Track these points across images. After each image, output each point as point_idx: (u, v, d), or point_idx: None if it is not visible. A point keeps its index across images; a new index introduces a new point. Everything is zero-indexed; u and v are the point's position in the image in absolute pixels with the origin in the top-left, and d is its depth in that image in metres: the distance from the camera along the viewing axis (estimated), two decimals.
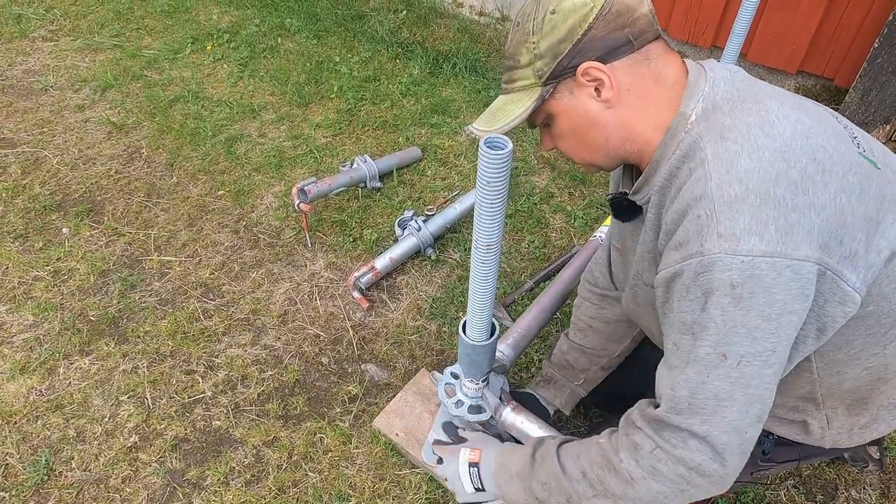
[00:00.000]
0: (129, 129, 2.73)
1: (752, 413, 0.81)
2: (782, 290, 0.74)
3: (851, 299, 0.79)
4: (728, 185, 0.76)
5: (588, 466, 0.94)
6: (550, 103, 0.95)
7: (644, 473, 0.86)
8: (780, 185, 0.75)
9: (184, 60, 3.20)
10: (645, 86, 0.90)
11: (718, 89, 0.86)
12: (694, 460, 0.83)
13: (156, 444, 1.61)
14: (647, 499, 0.88)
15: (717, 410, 0.81)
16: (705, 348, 0.80)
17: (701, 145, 0.82)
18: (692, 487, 0.85)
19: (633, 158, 0.96)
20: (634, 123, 0.92)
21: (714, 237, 0.75)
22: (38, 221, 2.26)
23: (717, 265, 0.75)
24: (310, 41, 3.34)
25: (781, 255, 0.73)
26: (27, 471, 1.55)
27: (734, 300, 0.76)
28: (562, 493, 0.97)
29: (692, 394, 0.82)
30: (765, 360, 0.78)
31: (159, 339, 1.86)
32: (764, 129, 0.79)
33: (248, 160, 2.55)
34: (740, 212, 0.75)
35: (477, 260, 1.05)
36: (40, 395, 1.71)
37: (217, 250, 2.16)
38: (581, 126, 0.95)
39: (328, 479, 1.54)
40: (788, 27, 2.41)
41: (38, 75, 3.08)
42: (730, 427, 0.81)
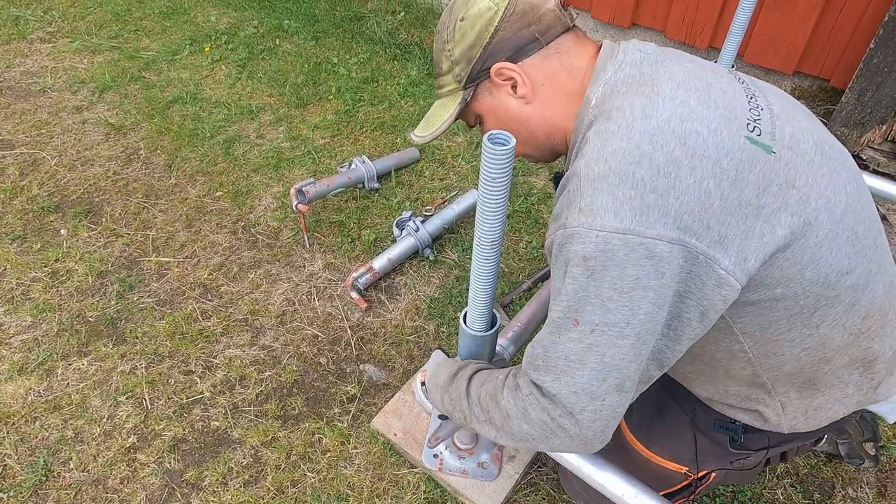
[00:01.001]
0: (127, 130, 2.73)
1: (610, 382, 0.84)
2: (634, 266, 0.77)
3: (727, 283, 0.79)
4: (594, 164, 0.80)
5: (483, 395, 1.01)
6: (474, 105, 1.02)
7: (517, 412, 0.92)
8: (641, 167, 0.78)
9: (182, 62, 3.20)
10: (557, 78, 0.95)
11: (622, 73, 0.89)
12: (554, 412, 0.88)
13: (154, 445, 1.61)
14: (519, 436, 0.95)
15: (566, 370, 0.85)
16: (559, 312, 0.84)
17: (591, 127, 0.86)
18: (555, 437, 0.90)
19: (561, 148, 1.02)
20: (552, 115, 0.97)
21: (576, 211, 0.80)
22: (36, 223, 2.26)
23: (574, 238, 0.79)
24: (308, 42, 3.35)
25: (634, 233, 0.76)
26: (25, 471, 1.55)
27: (587, 271, 0.80)
28: (461, 411, 1.05)
29: (545, 351, 0.87)
30: (620, 331, 0.81)
31: (157, 340, 1.86)
32: (645, 110, 0.82)
33: (246, 161, 2.55)
34: (600, 189, 0.79)
35: (479, 255, 1.06)
36: (38, 395, 1.71)
37: (215, 251, 2.17)
38: (506, 123, 1.00)
39: (326, 480, 1.54)
40: (785, 28, 2.42)
41: (36, 77, 3.08)
42: (580, 389, 0.85)
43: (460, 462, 1.53)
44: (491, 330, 1.21)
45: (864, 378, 0.99)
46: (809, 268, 0.82)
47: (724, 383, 1.03)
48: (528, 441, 0.94)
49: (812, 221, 0.81)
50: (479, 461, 1.53)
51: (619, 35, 3.00)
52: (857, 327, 0.91)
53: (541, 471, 1.58)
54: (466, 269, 2.09)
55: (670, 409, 1.20)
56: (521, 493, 1.53)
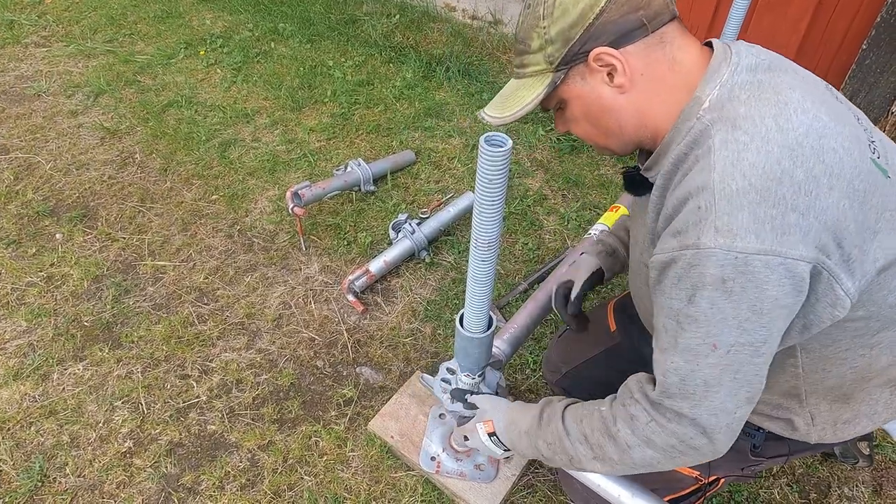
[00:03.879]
0: (122, 134, 2.73)
1: (741, 395, 0.84)
2: (774, 287, 0.75)
3: (842, 304, 0.79)
4: (731, 178, 0.75)
5: (589, 431, 0.98)
6: (562, 89, 0.93)
7: (639, 442, 0.91)
8: (783, 184, 0.74)
9: (177, 65, 3.20)
10: (659, 70, 0.87)
11: (739, 77, 0.83)
12: (686, 435, 0.86)
13: (150, 449, 1.60)
14: (642, 464, 0.93)
15: (706, 395, 0.83)
16: (695, 338, 0.81)
17: (710, 133, 0.80)
18: (683, 456, 0.90)
19: (648, 143, 0.94)
20: (648, 109, 0.90)
21: (711, 231, 0.75)
22: (31, 227, 2.25)
23: (710, 259, 0.75)
24: (303, 46, 3.35)
25: (776, 254, 0.73)
26: (21, 477, 1.54)
27: (725, 293, 0.76)
28: (564, 453, 1.01)
29: (682, 381, 0.84)
30: (755, 350, 0.80)
31: (153, 344, 1.86)
32: (778, 121, 0.77)
33: (241, 165, 2.55)
34: (740, 207, 0.74)
35: (476, 256, 1.06)
36: (34, 401, 1.71)
37: (211, 255, 2.16)
38: (594, 111, 0.93)
39: (323, 483, 1.54)
40: (777, 30, 2.43)
41: (30, 81, 3.07)
42: (718, 409, 0.84)
43: (458, 464, 1.53)
44: (487, 332, 1.21)
45: (893, 397, 1.01)
46: (894, 294, 0.83)
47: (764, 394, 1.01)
48: (651, 466, 0.93)
49: None
50: (477, 463, 1.53)
51: None
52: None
53: (538, 472, 1.58)
54: (463, 271, 2.09)
55: None
56: (519, 495, 1.53)
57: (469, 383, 1.33)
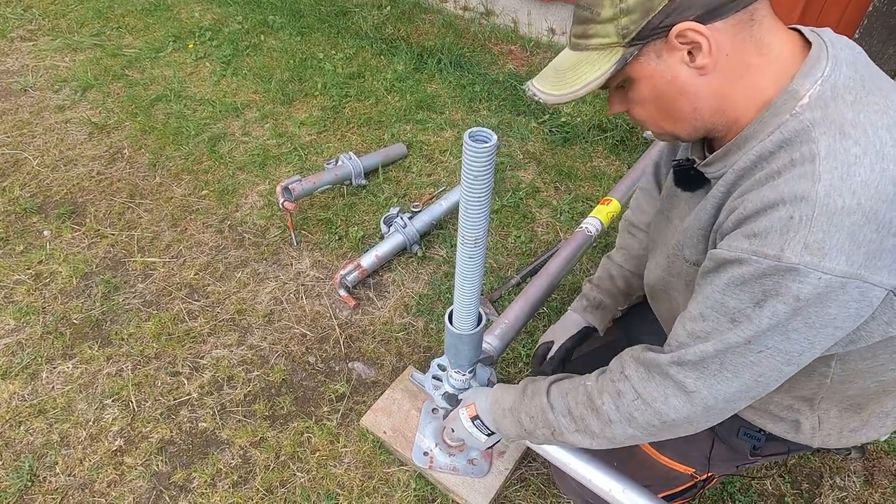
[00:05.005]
0: (110, 129, 2.69)
1: (752, 394, 0.82)
2: (838, 306, 0.71)
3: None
4: (838, 195, 0.68)
5: (574, 404, 0.98)
6: (633, 66, 0.81)
7: (621, 418, 0.91)
8: (892, 207, 0.68)
9: (165, 59, 3.16)
10: (745, 52, 0.78)
11: (840, 72, 0.75)
12: (669, 415, 0.86)
13: (141, 448, 1.59)
14: (622, 439, 0.94)
15: (717, 376, 0.81)
16: (737, 336, 0.78)
17: (813, 136, 0.72)
18: (661, 433, 0.91)
19: (720, 131, 0.86)
20: (730, 93, 0.80)
21: (799, 246, 0.69)
22: (18, 224, 2.23)
23: (790, 275, 0.71)
24: (293, 38, 3.32)
25: (858, 277, 0.69)
26: (10, 477, 1.53)
27: (793, 310, 0.73)
28: (547, 426, 1.01)
29: (701, 354, 0.81)
30: (788, 359, 0.77)
31: (144, 342, 1.84)
32: (893, 133, 0.71)
33: (231, 159, 2.52)
34: (840, 227, 0.68)
35: (463, 253, 1.05)
36: (23, 400, 1.69)
37: (202, 250, 2.15)
38: (667, 94, 0.82)
39: (316, 479, 1.54)
40: None
41: (16, 76, 3.03)
42: (721, 396, 0.82)
43: (450, 459, 1.52)
44: (476, 328, 1.20)
45: None
46: None
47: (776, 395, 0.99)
48: (629, 441, 0.94)
49: None
50: (470, 458, 1.53)
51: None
52: None
53: (531, 466, 1.58)
54: (455, 265, 2.08)
55: None
56: (512, 489, 1.53)
57: (460, 380, 1.33)
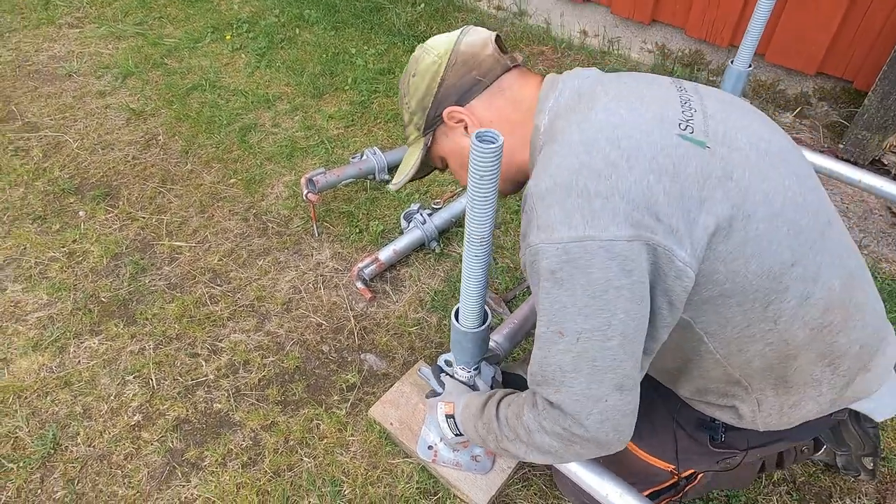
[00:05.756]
0: (147, 115, 2.79)
1: (607, 383, 0.87)
2: (599, 269, 0.81)
3: (685, 274, 0.83)
4: (541, 181, 0.86)
5: (510, 415, 1.06)
6: (435, 148, 1.13)
7: (536, 427, 0.98)
8: (582, 175, 0.82)
9: (203, 49, 3.25)
10: (504, 113, 1.04)
11: (562, 98, 0.96)
12: (564, 422, 0.92)
13: (158, 424, 1.66)
14: (544, 448, 0.99)
15: (563, 381, 0.89)
16: (542, 327, 0.89)
17: (541, 151, 0.92)
18: (575, 445, 0.94)
19: (523, 178, 1.08)
20: (511, 148, 1.02)
21: (535, 230, 0.85)
22: (56, 204, 2.33)
23: (539, 254, 0.84)
24: (327, 32, 3.37)
25: (590, 238, 0.80)
26: (35, 444, 1.60)
27: (556, 283, 0.84)
28: (492, 433, 1.10)
29: (540, 367, 0.92)
30: (603, 334, 0.84)
31: (166, 322, 1.91)
32: (581, 125, 0.88)
33: (260, 149, 2.59)
34: (550, 204, 0.83)
35: (469, 251, 1.07)
36: (50, 371, 1.77)
37: (226, 237, 2.21)
38: (465, 161, 1.04)
39: (322, 465, 1.57)
40: (808, 28, 2.36)
41: (62, 61, 3.16)
42: (580, 396, 0.88)
43: (454, 454, 1.54)
44: (482, 326, 1.22)
45: (835, 376, 1.00)
46: (753, 261, 0.85)
47: (701, 381, 1.06)
48: (554, 453, 0.99)
49: (752, 214, 0.84)
50: (473, 454, 1.54)
51: (638, 31, 2.96)
52: (818, 322, 0.92)
53: (534, 466, 1.58)
54: None
55: (657, 408, 1.21)
56: (514, 488, 1.54)
57: (465, 376, 1.35)
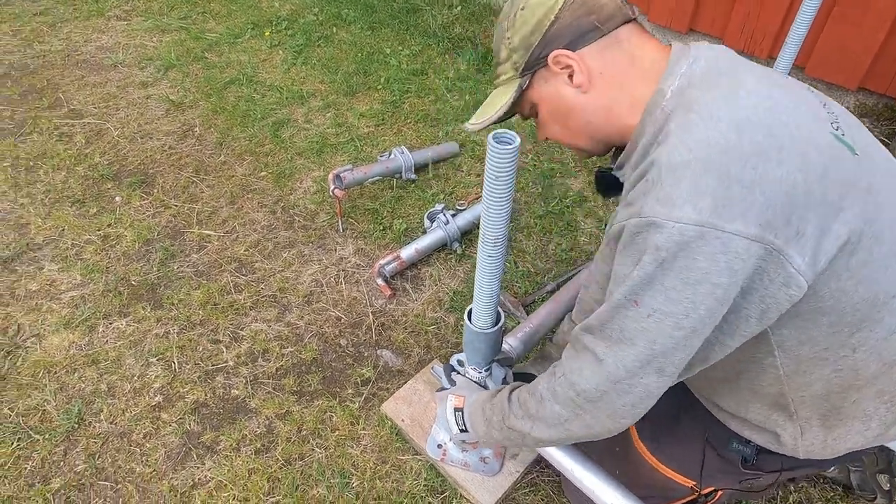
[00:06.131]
0: (185, 107, 2.87)
1: (653, 365, 0.85)
2: (706, 259, 0.75)
3: (796, 282, 0.77)
4: (676, 152, 0.77)
5: (524, 394, 1.07)
6: (530, 93, 1.01)
7: (549, 395, 0.98)
8: (727, 156, 0.74)
9: (243, 45, 3.33)
10: (619, 68, 0.93)
11: (697, 66, 0.87)
12: (580, 385, 0.91)
13: (177, 406, 1.70)
14: (552, 420, 0.98)
15: (619, 343, 0.86)
16: (621, 294, 0.84)
17: (670, 119, 0.84)
18: (586, 415, 0.94)
19: (617, 140, 0.99)
20: (612, 105, 0.95)
21: (653, 201, 0.78)
22: (94, 189, 2.41)
23: (650, 227, 0.77)
24: (363, 32, 3.41)
25: (711, 226, 0.74)
26: (61, 418, 1.67)
27: (656, 260, 0.78)
28: (500, 413, 1.12)
29: (600, 322, 0.88)
30: (676, 322, 0.80)
31: (191, 308, 1.96)
32: (728, 100, 0.80)
33: (292, 144, 2.64)
34: (681, 178, 0.75)
35: (484, 252, 1.07)
36: (80, 349, 1.84)
37: (254, 228, 2.26)
38: (560, 111, 1.00)
39: (333, 457, 1.60)
40: (850, 42, 2.30)
41: (109, 52, 3.27)
42: (623, 364, 0.86)
43: (463, 455, 1.54)
44: (494, 327, 1.22)
45: (889, 413, 0.96)
46: (863, 284, 0.80)
47: (747, 398, 1.01)
48: (561, 424, 0.98)
49: (879, 235, 0.79)
50: (482, 456, 1.54)
51: (675, 39, 2.92)
52: (893, 358, 0.88)
53: (543, 472, 1.58)
54: None
55: (684, 422, 1.19)
56: (521, 492, 1.54)
57: (476, 377, 1.35)
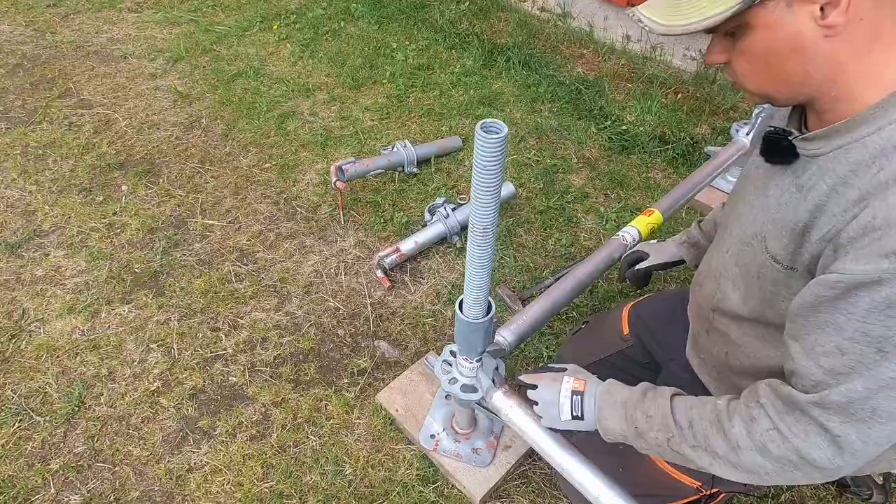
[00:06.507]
0: (193, 99, 2.90)
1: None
2: None
3: None
4: None
5: (698, 419, 0.92)
6: (756, 11, 0.73)
7: (752, 445, 0.85)
8: None
9: (251, 38, 3.35)
10: (882, 24, 0.71)
11: None
12: (810, 454, 0.79)
13: (176, 392, 1.73)
14: (749, 468, 0.87)
15: (868, 421, 0.75)
16: (891, 369, 0.71)
17: None
18: (798, 472, 0.83)
19: (823, 104, 0.79)
20: (850, 65, 0.73)
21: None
22: (101, 178, 2.45)
23: None
24: (371, 27, 3.43)
25: None
26: (62, 400, 1.70)
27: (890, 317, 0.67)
28: (664, 430, 0.95)
29: (849, 402, 0.75)
30: None
31: (192, 296, 1.99)
32: None
33: (296, 137, 2.65)
34: None
35: (473, 241, 1.08)
36: (82, 334, 1.87)
37: (256, 219, 2.28)
38: (781, 50, 0.74)
39: (327, 444, 1.61)
40: None
41: (119, 44, 3.31)
42: (872, 441, 0.76)
43: (455, 445, 1.56)
44: (485, 318, 1.23)
45: None
46: None
47: None
48: (758, 474, 0.87)
49: None
50: (474, 447, 1.55)
51: (683, 37, 2.90)
52: None
53: (534, 464, 1.58)
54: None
55: None
56: (512, 484, 1.55)
57: (468, 367, 1.36)
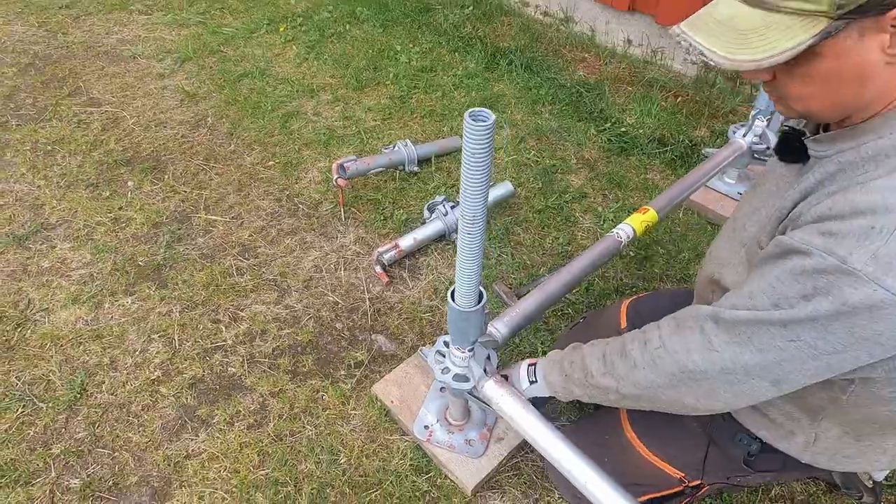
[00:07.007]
0: (199, 98, 2.95)
1: (771, 376, 0.83)
2: (887, 325, 0.70)
3: None
4: None
5: (608, 351, 1.08)
6: (827, 41, 0.71)
7: (645, 363, 0.98)
8: None
9: (258, 39, 3.41)
10: None
11: None
12: (685, 363, 0.91)
13: (175, 381, 1.76)
14: (644, 384, 0.99)
15: (743, 345, 0.83)
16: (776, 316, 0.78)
17: None
18: (681, 386, 0.94)
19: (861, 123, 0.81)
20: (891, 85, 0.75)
21: (867, 255, 0.69)
22: (108, 173, 2.49)
23: (847, 278, 0.70)
24: (375, 29, 3.47)
25: None
26: (65, 388, 1.73)
27: (834, 311, 0.72)
28: (582, 369, 1.12)
29: (735, 322, 0.85)
30: (815, 355, 0.77)
31: (194, 289, 2.02)
32: None
33: (300, 136, 2.70)
34: None
35: (463, 230, 1.11)
36: (86, 324, 1.91)
37: (259, 215, 2.31)
38: (844, 77, 0.74)
39: (322, 434, 1.64)
40: None
41: (129, 44, 3.37)
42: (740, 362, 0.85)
43: (449, 436, 1.58)
44: (476, 306, 1.25)
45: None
46: None
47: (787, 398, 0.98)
48: (653, 389, 0.98)
49: None
50: (467, 438, 1.58)
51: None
52: None
53: (527, 456, 1.60)
54: (490, 258, 2.13)
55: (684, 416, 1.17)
56: (504, 476, 1.56)
57: (460, 356, 1.38)
